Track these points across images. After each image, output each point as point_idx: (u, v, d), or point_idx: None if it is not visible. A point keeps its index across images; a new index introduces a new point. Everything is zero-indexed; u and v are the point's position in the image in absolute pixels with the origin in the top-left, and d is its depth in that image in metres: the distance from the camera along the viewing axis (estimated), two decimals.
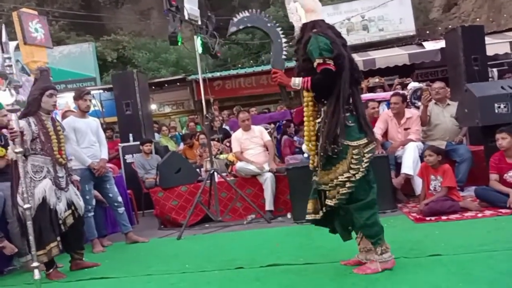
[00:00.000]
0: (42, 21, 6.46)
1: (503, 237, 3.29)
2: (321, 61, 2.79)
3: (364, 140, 2.89)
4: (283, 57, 3.12)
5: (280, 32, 3.14)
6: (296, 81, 2.93)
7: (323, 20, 2.99)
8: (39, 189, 3.66)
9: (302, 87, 2.91)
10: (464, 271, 2.68)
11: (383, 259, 2.86)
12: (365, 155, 2.86)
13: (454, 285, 2.49)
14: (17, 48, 5.16)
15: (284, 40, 3.15)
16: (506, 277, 2.51)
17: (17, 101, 3.23)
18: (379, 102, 7.83)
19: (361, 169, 2.82)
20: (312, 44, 2.82)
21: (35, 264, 3.22)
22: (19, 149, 3.26)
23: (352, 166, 2.82)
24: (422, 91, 6.23)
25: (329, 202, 2.88)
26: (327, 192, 2.90)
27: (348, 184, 2.82)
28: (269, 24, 3.18)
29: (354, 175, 2.81)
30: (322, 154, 2.87)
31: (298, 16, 2.99)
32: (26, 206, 3.24)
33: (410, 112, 5.60)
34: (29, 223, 3.24)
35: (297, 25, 3.02)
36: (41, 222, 3.60)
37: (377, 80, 9.30)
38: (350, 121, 2.87)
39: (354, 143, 2.85)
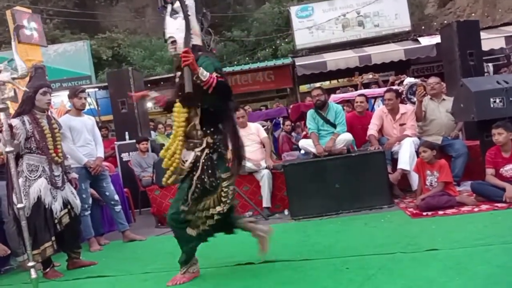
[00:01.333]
0: (36, 19, 6.42)
1: (499, 231, 3.30)
2: (218, 74, 2.87)
3: (229, 173, 3.00)
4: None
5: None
6: (204, 72, 2.82)
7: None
8: (34, 188, 3.63)
9: (207, 81, 2.80)
10: (461, 266, 2.69)
11: (192, 270, 3.15)
12: (230, 187, 2.98)
13: (450, 279, 2.50)
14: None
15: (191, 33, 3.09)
16: (502, 271, 2.52)
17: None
18: (375, 98, 7.85)
19: (228, 202, 2.96)
20: (205, 61, 2.90)
21: (31, 263, 3.20)
22: (9, 148, 3.22)
23: (222, 199, 2.95)
24: (417, 87, 6.24)
25: (190, 230, 3.01)
26: (193, 220, 2.99)
27: (216, 217, 2.95)
28: (189, 13, 3.10)
29: (223, 208, 2.95)
30: (198, 185, 2.95)
31: (183, 34, 3.00)
32: (19, 205, 3.20)
33: (405, 108, 5.61)
34: (24, 223, 3.21)
35: (181, 42, 2.99)
36: (36, 221, 3.59)
37: (371, 76, 9.31)
38: (225, 153, 2.99)
39: (225, 175, 2.98)
